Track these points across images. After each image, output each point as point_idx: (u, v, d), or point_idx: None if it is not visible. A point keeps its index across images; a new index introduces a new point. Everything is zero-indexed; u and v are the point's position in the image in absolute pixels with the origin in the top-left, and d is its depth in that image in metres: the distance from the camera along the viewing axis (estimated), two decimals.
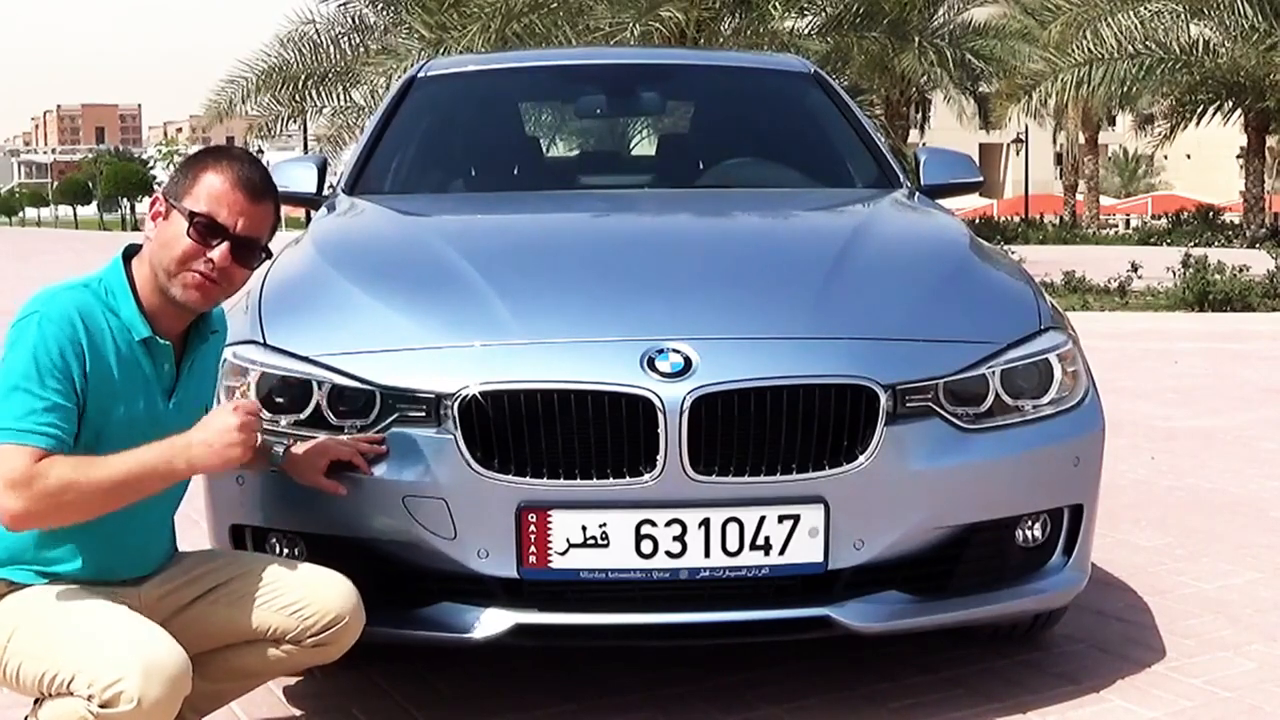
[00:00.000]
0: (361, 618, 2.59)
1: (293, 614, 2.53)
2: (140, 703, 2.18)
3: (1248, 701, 3.06)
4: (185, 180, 2.47)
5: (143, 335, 2.43)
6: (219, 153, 2.52)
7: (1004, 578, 2.98)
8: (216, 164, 2.48)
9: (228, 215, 2.45)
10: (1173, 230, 30.93)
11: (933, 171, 4.35)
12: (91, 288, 2.43)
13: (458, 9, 18.21)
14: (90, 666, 2.21)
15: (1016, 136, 46.86)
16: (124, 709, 2.18)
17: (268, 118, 22.24)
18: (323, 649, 2.56)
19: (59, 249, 39.15)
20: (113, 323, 2.41)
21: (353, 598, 2.57)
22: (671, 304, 2.92)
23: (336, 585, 2.57)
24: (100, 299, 2.42)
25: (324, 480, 2.68)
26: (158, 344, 2.46)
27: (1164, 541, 4.52)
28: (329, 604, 2.54)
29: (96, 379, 2.36)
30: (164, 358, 2.48)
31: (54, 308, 2.36)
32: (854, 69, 21.82)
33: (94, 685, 2.19)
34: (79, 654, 2.23)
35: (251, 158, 2.56)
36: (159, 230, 2.46)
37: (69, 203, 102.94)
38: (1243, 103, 26.44)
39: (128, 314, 2.43)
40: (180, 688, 2.24)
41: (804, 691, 3.10)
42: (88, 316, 2.38)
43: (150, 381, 2.46)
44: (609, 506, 2.67)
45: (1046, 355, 2.99)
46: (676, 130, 5.44)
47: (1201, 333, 11.21)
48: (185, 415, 2.50)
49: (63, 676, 2.23)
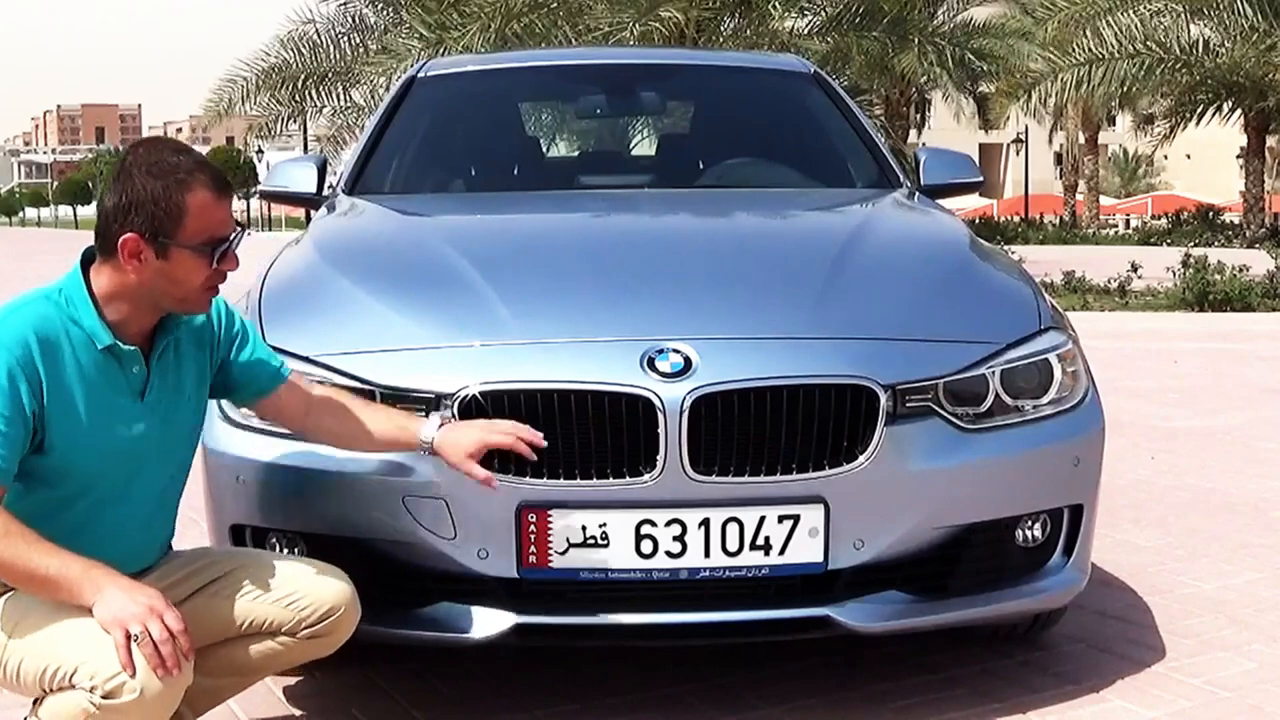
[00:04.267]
0: (357, 609, 2.58)
1: (287, 606, 2.52)
2: (143, 693, 2.18)
3: (1248, 701, 3.06)
4: (166, 214, 2.35)
5: (105, 344, 2.40)
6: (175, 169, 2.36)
7: (1004, 578, 2.98)
8: (187, 186, 2.36)
9: (223, 225, 2.42)
10: (1173, 230, 30.94)
11: (933, 171, 4.35)
12: (52, 299, 2.40)
13: (458, 9, 18.22)
14: (92, 659, 2.21)
15: (1016, 136, 46.90)
16: (127, 699, 2.18)
17: (267, 118, 22.26)
18: (319, 641, 2.56)
19: (59, 249, 39.14)
20: (74, 333, 2.38)
21: (347, 589, 2.56)
22: (671, 304, 2.92)
23: (330, 577, 2.56)
24: (61, 310, 2.39)
25: (476, 468, 2.61)
26: (122, 350, 2.42)
27: (1164, 541, 4.52)
28: (323, 595, 2.53)
29: (54, 394, 2.34)
30: (131, 361, 2.45)
31: (7, 330, 2.33)
32: (854, 69, 21.78)
33: (96, 677, 2.19)
34: (80, 647, 2.23)
35: (186, 148, 2.45)
36: (154, 269, 2.37)
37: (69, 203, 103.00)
38: (1242, 103, 26.45)
39: (89, 324, 2.39)
40: (183, 680, 2.25)
41: (804, 691, 3.10)
42: (44, 332, 2.35)
43: (118, 386, 2.43)
44: (609, 506, 2.67)
45: (1046, 355, 2.99)
46: (676, 130, 5.45)
47: (1201, 333, 11.21)
48: (163, 408, 2.49)
49: (64, 670, 2.23)
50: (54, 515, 2.36)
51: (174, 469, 2.59)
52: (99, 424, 2.39)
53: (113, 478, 2.43)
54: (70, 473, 2.39)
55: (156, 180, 2.36)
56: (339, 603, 2.54)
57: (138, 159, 2.39)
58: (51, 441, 2.35)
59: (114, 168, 2.43)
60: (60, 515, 2.38)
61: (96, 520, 2.42)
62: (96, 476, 2.41)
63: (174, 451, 2.57)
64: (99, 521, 2.42)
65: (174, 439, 2.55)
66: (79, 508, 2.41)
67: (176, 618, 2.24)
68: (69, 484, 2.40)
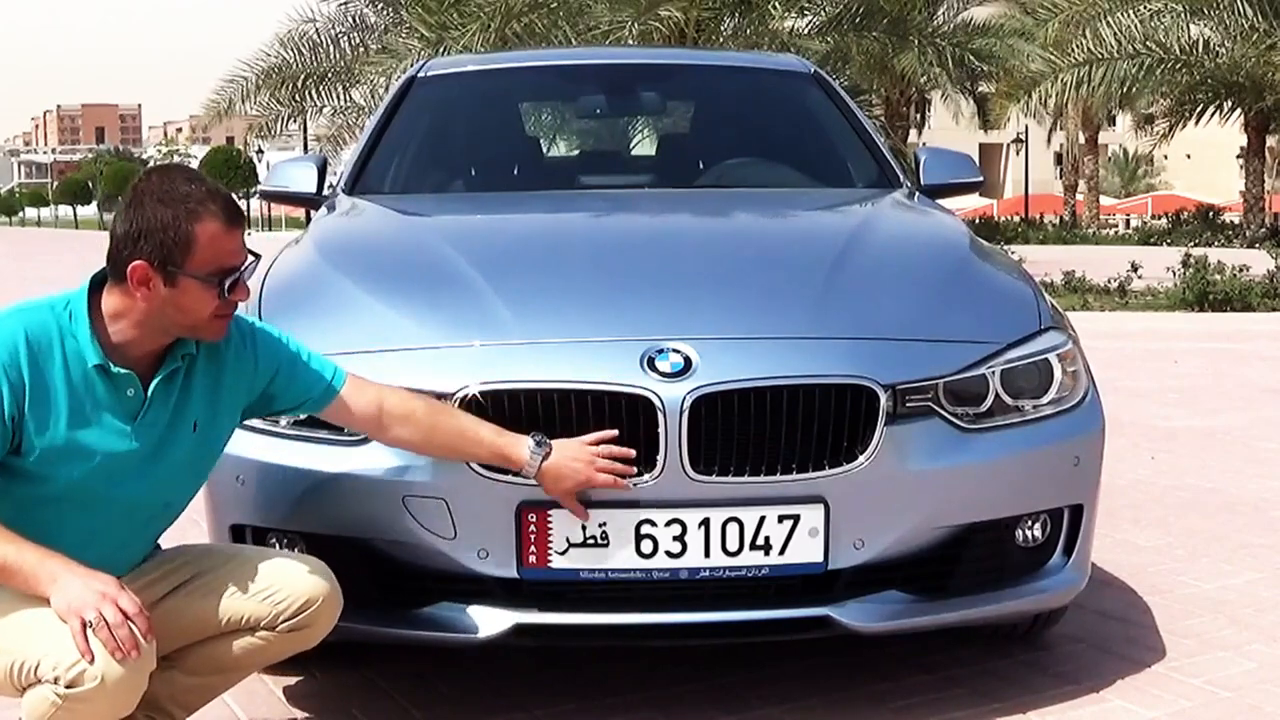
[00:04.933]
0: (337, 600, 2.56)
1: (264, 600, 2.51)
2: (104, 679, 2.19)
3: (1248, 701, 3.06)
4: (176, 244, 2.35)
5: (94, 363, 2.39)
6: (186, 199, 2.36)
7: (1004, 578, 2.98)
8: (198, 216, 2.35)
9: (234, 255, 2.41)
10: (1173, 230, 30.92)
11: (933, 171, 4.35)
12: (55, 309, 2.41)
13: (458, 9, 18.22)
14: (54, 650, 2.21)
15: (1016, 136, 46.88)
16: (89, 687, 2.19)
17: (267, 118, 22.28)
18: (300, 633, 2.54)
19: (59, 249, 39.16)
20: (69, 346, 2.39)
21: (325, 581, 2.54)
22: (671, 304, 2.92)
23: (307, 569, 2.55)
24: (61, 322, 2.39)
25: (574, 503, 2.64)
26: (114, 371, 2.41)
27: (1164, 541, 4.52)
28: (299, 588, 2.52)
29: (37, 401, 2.34)
30: (125, 383, 2.43)
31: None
32: (854, 69, 21.81)
33: (58, 667, 2.20)
34: (42, 640, 2.23)
35: (198, 176, 2.45)
36: (163, 298, 2.37)
37: (69, 203, 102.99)
38: (1242, 103, 26.45)
39: (83, 341, 2.39)
40: (145, 664, 2.24)
41: (804, 691, 3.10)
42: (36, 339, 2.35)
43: (107, 407, 2.41)
44: (609, 506, 2.67)
45: (1046, 355, 2.99)
46: (676, 130, 5.44)
47: (1201, 333, 11.21)
48: (158, 432, 2.46)
49: (29, 664, 2.23)
50: (31, 511, 2.37)
51: (163, 503, 2.55)
52: (80, 437, 2.38)
53: (92, 490, 2.42)
54: (48, 477, 2.39)
55: (166, 208, 2.36)
56: (316, 594, 2.53)
57: (149, 187, 2.39)
58: (29, 445, 2.36)
59: (126, 194, 2.42)
60: (36, 512, 2.38)
61: (72, 525, 2.41)
62: (73, 486, 2.40)
63: (164, 479, 2.50)
64: (74, 527, 2.41)
65: (166, 467, 2.49)
66: (56, 509, 2.41)
67: (131, 600, 2.24)
68: (46, 486, 2.39)
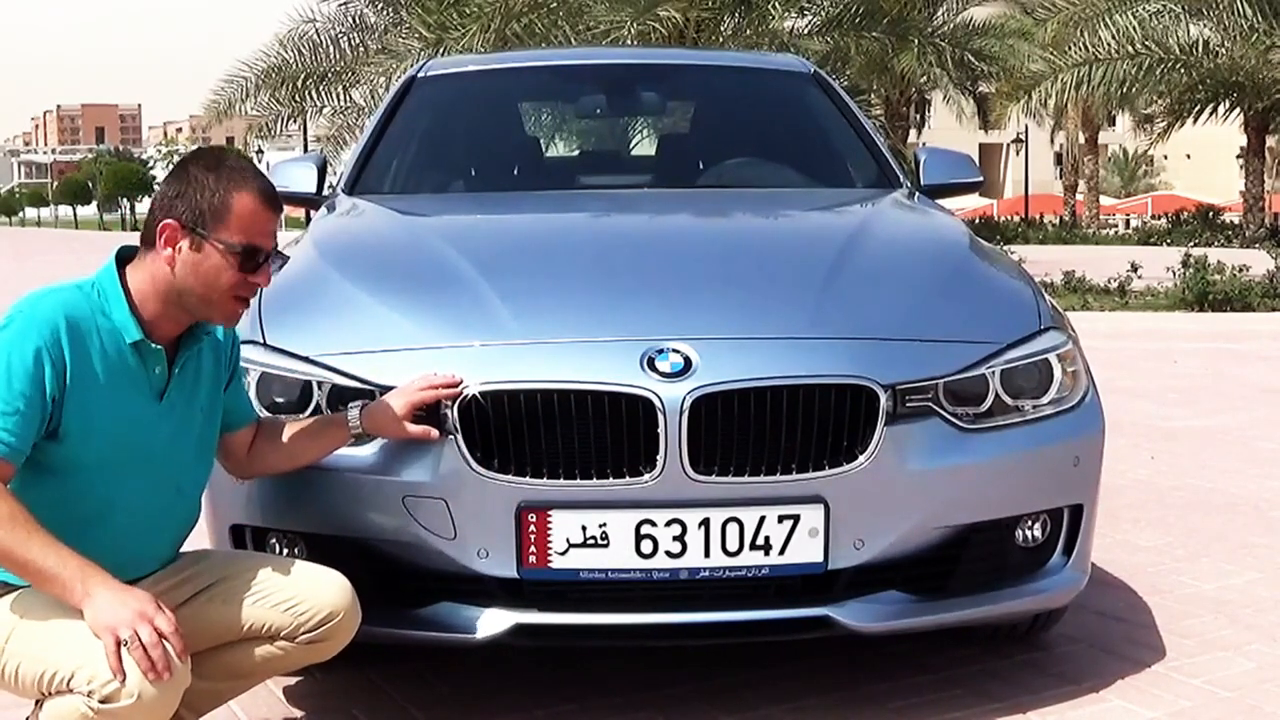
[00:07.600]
0: (357, 614, 2.58)
1: (287, 610, 2.52)
2: (140, 697, 2.18)
3: (1248, 701, 3.06)
4: (210, 207, 2.41)
5: (134, 339, 2.42)
6: (232, 171, 2.44)
7: (1004, 578, 2.98)
8: (239, 185, 2.42)
9: (264, 238, 2.45)
10: (1173, 230, 30.91)
11: (933, 171, 4.35)
12: (84, 290, 2.43)
13: (458, 9, 18.22)
14: (89, 663, 2.20)
15: (1016, 136, 46.88)
16: (124, 704, 2.18)
17: (267, 117, 22.27)
18: (318, 645, 2.56)
19: (58, 249, 39.15)
20: (103, 325, 2.41)
21: (347, 593, 2.56)
22: (671, 304, 2.92)
23: (331, 581, 2.56)
24: (92, 301, 2.42)
25: (412, 427, 2.67)
26: (149, 347, 2.45)
27: (1164, 541, 4.53)
28: (323, 600, 2.53)
29: (77, 381, 2.35)
30: (155, 360, 2.47)
31: (38, 311, 2.35)
32: (854, 69, 21.80)
33: (94, 681, 2.19)
34: (77, 651, 2.23)
35: (248, 160, 2.54)
36: (186, 261, 2.42)
37: (69, 203, 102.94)
38: (1241, 103, 26.44)
39: (120, 318, 2.42)
40: (179, 682, 2.24)
41: (804, 691, 3.10)
42: (74, 318, 2.37)
43: (139, 383, 2.45)
44: (609, 506, 2.67)
45: (1046, 355, 2.99)
46: (676, 130, 5.44)
47: (1201, 333, 11.21)
48: (177, 414, 2.51)
49: (62, 674, 2.23)
50: (59, 509, 2.36)
51: (175, 488, 2.56)
52: (115, 417, 2.40)
53: (121, 475, 2.43)
54: (80, 464, 2.39)
55: (210, 174, 2.43)
56: (338, 608, 2.54)
57: (197, 156, 2.49)
58: (66, 428, 2.36)
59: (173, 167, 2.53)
60: (64, 510, 2.37)
61: (100, 520, 2.41)
62: (105, 471, 2.41)
63: (181, 462, 2.56)
64: (102, 522, 2.41)
65: (183, 448, 2.55)
66: (84, 505, 2.41)
67: (167, 620, 2.23)
68: (77, 477, 2.39)
